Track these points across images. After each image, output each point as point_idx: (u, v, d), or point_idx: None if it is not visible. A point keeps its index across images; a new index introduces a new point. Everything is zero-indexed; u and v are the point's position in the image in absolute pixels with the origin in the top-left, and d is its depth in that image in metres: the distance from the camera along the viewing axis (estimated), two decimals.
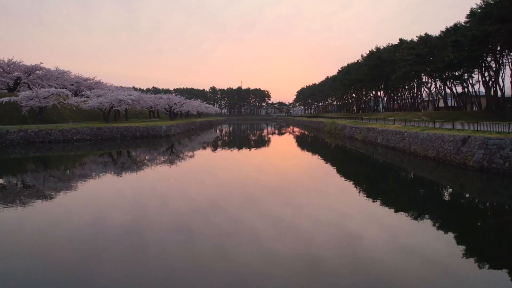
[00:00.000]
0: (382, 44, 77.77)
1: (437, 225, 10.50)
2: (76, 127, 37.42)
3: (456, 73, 49.73)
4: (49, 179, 19.01)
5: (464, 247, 8.68)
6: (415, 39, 53.39)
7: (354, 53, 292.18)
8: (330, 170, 21.82)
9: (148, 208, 12.32)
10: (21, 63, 48.41)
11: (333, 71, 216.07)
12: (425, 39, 49.64)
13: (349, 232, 9.69)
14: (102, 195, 14.54)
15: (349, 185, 16.64)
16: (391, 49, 59.50)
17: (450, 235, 9.65)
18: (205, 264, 7.60)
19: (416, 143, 22.88)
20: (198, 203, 12.70)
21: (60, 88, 59.71)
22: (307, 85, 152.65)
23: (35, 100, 39.50)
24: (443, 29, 47.67)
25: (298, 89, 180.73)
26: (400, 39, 58.30)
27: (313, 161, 26.13)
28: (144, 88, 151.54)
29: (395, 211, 11.85)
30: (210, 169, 22.01)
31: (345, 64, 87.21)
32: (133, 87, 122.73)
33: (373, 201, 13.11)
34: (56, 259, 8.03)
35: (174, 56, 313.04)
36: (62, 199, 13.83)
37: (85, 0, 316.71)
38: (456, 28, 44.48)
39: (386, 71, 58.23)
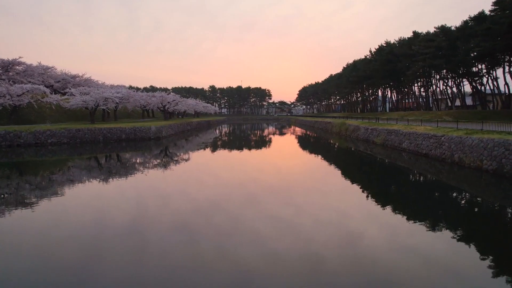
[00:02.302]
0: (382, 43, 72.40)
1: None
2: (52, 129, 32.67)
3: (474, 69, 45.22)
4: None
5: None
6: (430, 31, 48.77)
7: (354, 53, 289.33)
8: (350, 184, 16.97)
9: (134, 215, 11.69)
10: None
11: (333, 71, 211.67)
12: (444, 30, 44.74)
13: None
14: (90, 203, 13.51)
15: (383, 209, 11.86)
16: (404, 43, 54.64)
17: None
18: (206, 264, 7.56)
19: (461, 150, 18.05)
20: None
21: (45, 85, 55.42)
22: (310, 83, 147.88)
23: (6, 97, 34.78)
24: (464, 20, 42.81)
25: (298, 89, 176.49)
26: (414, 32, 53.44)
27: (327, 170, 21.30)
28: (142, 87, 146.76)
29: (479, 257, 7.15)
30: (200, 189, 17.20)
31: (346, 63, 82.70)
32: (130, 86, 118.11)
33: (437, 236, 8.40)
34: (57, 259, 7.95)
35: (174, 56, 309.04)
36: (49, 205, 13.11)
37: (85, 0, 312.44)
38: (480, 17, 39.58)
39: (398, 67, 53.43)
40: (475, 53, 36.58)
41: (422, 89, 59.30)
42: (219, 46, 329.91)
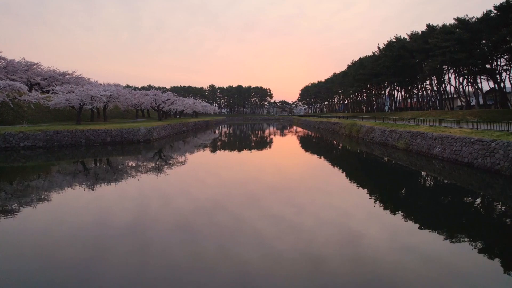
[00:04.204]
0: (383, 42, 67.24)
1: None
2: (25, 131, 28.69)
3: (494, 65, 41.23)
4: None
5: None
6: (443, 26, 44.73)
7: (356, 53, 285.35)
8: (374, 203, 12.92)
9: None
10: None
11: (334, 71, 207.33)
12: (463, 22, 40.62)
13: None
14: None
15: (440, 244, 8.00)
16: (417, 37, 50.51)
17: None
18: (207, 263, 7.49)
19: None
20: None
21: (30, 83, 51.46)
22: (312, 82, 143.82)
23: None
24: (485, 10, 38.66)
25: (300, 88, 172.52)
26: (428, 25, 49.40)
27: (345, 182, 17.22)
28: (139, 86, 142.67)
29: None
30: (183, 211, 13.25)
31: (347, 62, 78.79)
32: (127, 85, 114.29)
33: None
34: (59, 259, 7.93)
35: (176, 56, 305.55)
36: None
37: (88, 0, 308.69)
38: (506, 6, 35.50)
39: (412, 63, 49.39)
40: (508, 45, 32.50)
41: (435, 87, 55.27)
42: (221, 46, 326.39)
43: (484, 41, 39.21)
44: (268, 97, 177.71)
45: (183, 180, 18.12)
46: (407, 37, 54.17)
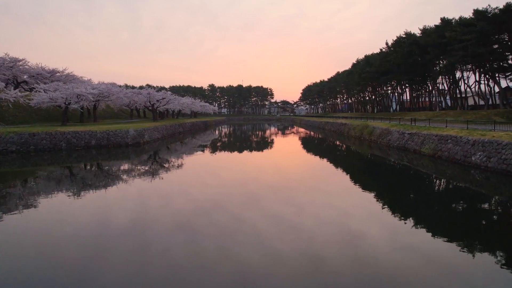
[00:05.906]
0: (383, 42, 63.34)
1: None
2: None
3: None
4: None
5: None
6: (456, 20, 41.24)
7: (356, 53, 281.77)
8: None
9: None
10: None
11: (335, 70, 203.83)
12: (483, 14, 36.99)
13: None
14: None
15: None
16: (430, 31, 46.97)
17: None
18: (208, 263, 7.43)
19: None
20: None
21: (16, 80, 48.15)
22: (314, 82, 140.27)
23: None
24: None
25: (301, 88, 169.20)
26: (442, 19, 45.93)
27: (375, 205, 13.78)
28: (138, 85, 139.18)
29: None
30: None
31: (348, 62, 76.03)
32: (125, 84, 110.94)
33: None
34: (60, 259, 7.86)
35: (176, 56, 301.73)
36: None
37: (88, 0, 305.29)
38: None
39: (426, 59, 45.84)
40: None
41: (446, 86, 51.79)
42: (221, 46, 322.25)
43: (507, 35, 35.87)
44: (269, 97, 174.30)
45: (182, 182, 17.47)
46: (418, 32, 50.77)
